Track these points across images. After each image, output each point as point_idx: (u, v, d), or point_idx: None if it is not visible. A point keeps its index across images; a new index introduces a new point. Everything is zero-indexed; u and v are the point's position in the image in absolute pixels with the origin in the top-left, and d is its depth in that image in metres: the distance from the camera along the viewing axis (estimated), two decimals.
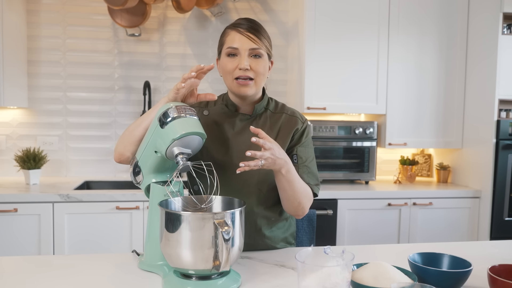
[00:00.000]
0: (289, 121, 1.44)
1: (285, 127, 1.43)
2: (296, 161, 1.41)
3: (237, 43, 1.31)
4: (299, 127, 1.44)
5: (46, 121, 3.06)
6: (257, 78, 1.34)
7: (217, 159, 1.39)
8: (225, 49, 1.34)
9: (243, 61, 1.30)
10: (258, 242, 1.44)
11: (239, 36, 1.32)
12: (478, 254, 1.43)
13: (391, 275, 1.04)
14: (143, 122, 1.30)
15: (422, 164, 3.42)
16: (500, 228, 2.78)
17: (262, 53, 1.33)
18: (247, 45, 1.31)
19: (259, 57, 1.33)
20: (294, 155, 1.42)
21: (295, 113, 1.47)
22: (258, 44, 1.32)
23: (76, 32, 3.06)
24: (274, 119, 1.44)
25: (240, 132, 1.41)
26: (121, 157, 1.35)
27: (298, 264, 0.96)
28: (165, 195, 1.22)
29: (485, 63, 2.84)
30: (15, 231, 2.42)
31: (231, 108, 1.43)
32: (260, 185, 1.41)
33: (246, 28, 1.33)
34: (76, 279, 1.16)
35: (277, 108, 1.47)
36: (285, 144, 1.42)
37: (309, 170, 1.42)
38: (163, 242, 1.08)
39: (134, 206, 2.50)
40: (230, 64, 1.33)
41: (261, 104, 1.43)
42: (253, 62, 1.32)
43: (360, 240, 2.75)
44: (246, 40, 1.31)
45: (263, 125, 1.42)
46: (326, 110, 2.92)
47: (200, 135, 1.19)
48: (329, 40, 2.91)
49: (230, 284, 1.09)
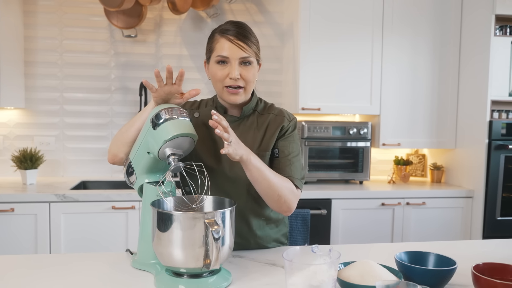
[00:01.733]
0: (275, 121, 1.43)
1: (271, 127, 1.43)
2: (277, 155, 1.40)
3: (226, 51, 1.31)
4: (285, 124, 1.43)
5: (43, 122, 3.08)
6: (247, 86, 1.35)
7: (205, 160, 1.40)
8: (215, 57, 1.34)
9: (234, 71, 1.31)
10: (250, 242, 1.47)
11: (229, 45, 1.31)
12: (466, 253, 1.46)
13: (377, 273, 1.06)
14: (135, 123, 1.32)
15: (416, 164, 3.44)
16: (492, 227, 2.81)
17: (251, 60, 1.34)
18: (237, 54, 1.31)
19: (249, 65, 1.34)
20: (275, 149, 1.41)
21: (283, 112, 1.47)
22: (248, 52, 1.32)
23: (72, 33, 3.08)
24: (262, 120, 1.44)
25: None
26: (115, 158, 1.37)
27: (285, 262, 0.98)
28: (157, 195, 1.24)
29: (478, 64, 2.87)
30: (11, 230, 2.44)
31: (220, 110, 1.44)
32: (250, 185, 1.40)
33: (235, 35, 1.32)
34: (70, 278, 1.18)
35: (265, 109, 1.47)
36: (271, 143, 1.41)
37: (291, 164, 1.40)
38: (155, 241, 1.10)
39: (129, 206, 2.53)
40: (220, 72, 1.33)
41: (249, 106, 1.43)
42: (243, 70, 1.33)
43: (354, 239, 2.78)
44: (236, 49, 1.31)
45: (250, 126, 1.43)
46: (321, 110, 2.94)
47: (191, 136, 1.21)
48: (323, 41, 2.93)
49: (220, 282, 1.11)
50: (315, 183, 3.00)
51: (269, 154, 1.42)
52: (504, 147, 2.77)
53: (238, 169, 1.37)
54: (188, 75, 3.20)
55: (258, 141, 1.41)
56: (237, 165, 1.37)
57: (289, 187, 1.35)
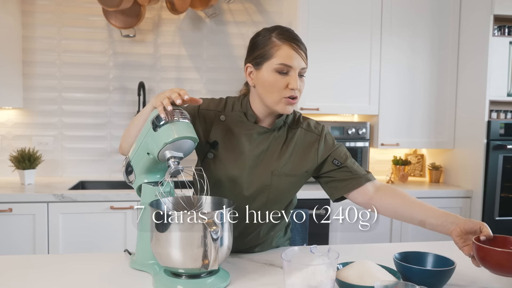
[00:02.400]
0: (305, 138, 1.37)
1: (301, 144, 1.36)
2: (338, 164, 1.35)
3: (292, 61, 1.23)
4: (319, 145, 1.36)
5: (41, 122, 3.07)
6: (299, 97, 1.29)
7: (230, 173, 1.33)
8: (276, 64, 1.23)
9: (296, 82, 1.23)
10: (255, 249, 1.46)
11: (295, 55, 1.23)
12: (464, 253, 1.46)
13: (375, 273, 1.06)
14: (135, 121, 1.31)
15: (414, 164, 3.45)
16: (491, 227, 2.74)
17: (305, 72, 1.29)
18: (300, 65, 1.24)
19: (304, 76, 1.29)
20: (334, 160, 1.36)
21: (310, 126, 1.39)
22: (307, 63, 1.27)
23: (71, 33, 3.08)
24: (291, 135, 1.37)
25: (256, 146, 1.34)
26: (122, 152, 1.39)
27: (284, 262, 0.99)
28: (156, 196, 1.24)
29: (476, 65, 2.88)
30: (9, 231, 2.44)
31: (251, 118, 1.35)
32: (269, 205, 1.36)
33: (300, 44, 1.25)
34: (68, 278, 1.18)
35: (294, 121, 1.40)
36: (303, 164, 1.35)
37: (353, 162, 1.38)
38: (153, 241, 1.10)
39: (128, 206, 2.52)
40: (281, 82, 1.24)
41: (281, 119, 1.36)
42: (299, 82, 1.26)
43: (353, 239, 2.78)
44: (299, 59, 1.24)
45: (280, 141, 1.36)
46: (320, 110, 2.95)
47: (192, 139, 1.20)
48: (322, 41, 2.93)
49: (219, 283, 1.11)
50: (314, 183, 2.97)
51: (301, 176, 1.37)
52: (503, 147, 2.78)
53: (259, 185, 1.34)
54: (187, 75, 3.20)
55: (286, 159, 1.34)
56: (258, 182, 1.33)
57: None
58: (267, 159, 1.33)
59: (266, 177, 1.33)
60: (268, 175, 1.33)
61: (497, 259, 1.06)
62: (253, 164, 1.33)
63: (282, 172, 1.33)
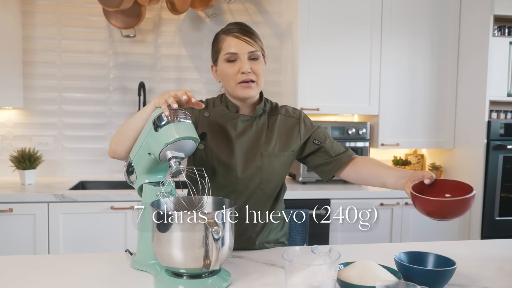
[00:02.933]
0: (286, 122, 1.49)
1: (284, 129, 1.48)
2: (319, 143, 1.48)
3: (235, 48, 1.34)
4: (299, 127, 1.49)
5: (41, 122, 3.07)
6: (258, 80, 1.38)
7: (222, 159, 1.42)
8: (224, 55, 1.36)
9: (244, 65, 1.34)
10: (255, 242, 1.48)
11: (236, 41, 1.35)
12: (465, 253, 1.46)
13: (376, 273, 1.06)
14: (133, 123, 1.31)
15: (414, 164, 3.45)
16: (491, 227, 2.82)
17: (259, 54, 1.37)
18: (246, 49, 1.34)
19: (257, 59, 1.37)
20: (314, 140, 1.48)
21: (289, 111, 1.52)
22: (255, 47, 1.36)
23: (71, 33, 3.08)
24: (272, 121, 1.48)
25: (242, 133, 1.44)
26: (114, 154, 1.38)
27: (285, 263, 0.99)
28: (157, 196, 1.24)
29: (476, 65, 2.88)
30: (10, 231, 2.44)
31: (232, 109, 1.46)
32: (263, 185, 1.45)
33: (241, 32, 1.36)
34: (69, 278, 1.18)
35: (272, 109, 1.51)
36: (288, 144, 1.46)
37: (332, 141, 1.51)
38: (155, 241, 1.10)
39: (128, 206, 2.52)
40: (231, 69, 1.36)
41: (260, 106, 1.47)
42: (253, 65, 1.36)
43: (353, 239, 2.78)
44: (243, 44, 1.34)
45: (263, 127, 1.47)
46: (320, 111, 2.95)
47: (193, 139, 1.21)
48: (322, 41, 2.94)
49: (220, 283, 1.12)
50: (314, 183, 3.00)
51: (288, 155, 1.47)
52: (503, 147, 2.78)
53: (252, 168, 1.42)
54: (187, 75, 3.20)
55: (273, 142, 1.45)
56: (251, 165, 1.43)
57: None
58: (256, 144, 1.43)
59: (257, 159, 1.43)
60: (259, 157, 1.43)
61: (426, 207, 1.14)
62: (243, 149, 1.43)
63: (271, 153, 1.44)
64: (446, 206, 1.11)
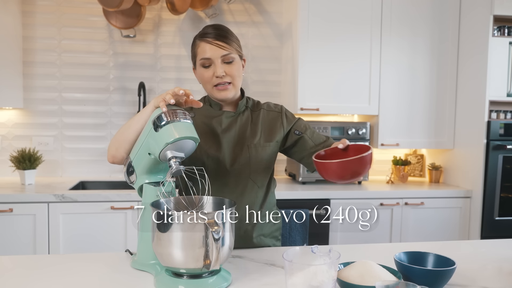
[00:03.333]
0: (268, 116, 1.55)
1: (267, 122, 1.54)
2: (299, 133, 1.53)
3: (208, 53, 1.39)
4: (282, 119, 1.55)
5: (41, 122, 3.08)
6: (234, 81, 1.43)
7: (210, 154, 1.46)
8: (199, 61, 1.42)
9: (218, 69, 1.39)
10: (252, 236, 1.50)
11: (209, 46, 1.39)
12: (465, 253, 1.46)
13: (376, 273, 1.07)
14: (132, 125, 1.31)
15: (414, 164, 3.45)
16: (490, 227, 2.82)
17: (233, 57, 1.41)
18: (219, 53, 1.38)
19: (231, 61, 1.41)
20: (294, 131, 1.54)
21: (270, 107, 1.58)
22: (228, 50, 1.40)
23: (71, 33, 3.08)
24: (255, 115, 1.54)
25: (228, 128, 1.49)
26: (114, 159, 1.38)
27: (286, 262, 0.99)
28: (157, 196, 1.24)
29: (476, 65, 2.88)
30: (10, 231, 2.44)
31: (216, 107, 1.51)
32: (253, 176, 1.50)
33: (214, 36, 1.39)
34: (69, 278, 1.18)
35: (254, 105, 1.57)
36: (272, 135, 1.52)
37: (313, 131, 1.56)
38: (155, 241, 1.11)
39: (128, 206, 2.52)
40: (206, 74, 1.42)
41: (242, 102, 1.53)
42: (227, 68, 1.40)
43: (353, 239, 2.78)
44: (216, 48, 1.38)
45: (247, 121, 1.52)
46: (320, 111, 2.95)
47: (193, 139, 1.21)
48: (322, 41, 2.94)
49: (220, 283, 1.12)
50: (314, 183, 3.00)
51: (273, 145, 1.53)
52: (502, 147, 2.78)
53: (241, 160, 1.47)
54: (187, 75, 3.20)
55: (258, 134, 1.51)
56: (239, 157, 1.47)
57: None
58: (241, 137, 1.49)
59: (245, 150, 1.48)
60: (246, 149, 1.48)
61: (323, 171, 1.24)
62: (230, 143, 1.48)
63: (257, 144, 1.49)
64: (342, 166, 1.19)
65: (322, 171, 1.24)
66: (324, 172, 1.24)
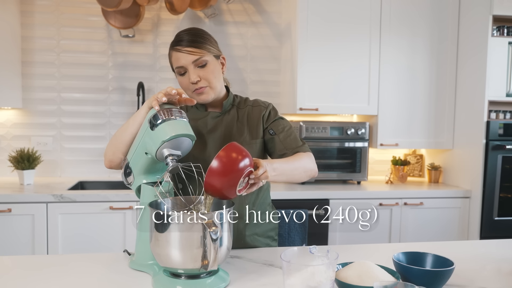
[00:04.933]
0: (253, 112, 1.54)
1: (252, 118, 1.53)
2: (273, 133, 1.50)
3: (180, 61, 1.39)
4: (264, 113, 1.53)
5: (40, 122, 3.07)
6: (210, 84, 1.42)
7: (195, 155, 1.45)
8: (175, 69, 1.42)
9: (191, 76, 1.38)
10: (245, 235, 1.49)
11: (179, 55, 1.38)
12: (464, 254, 1.46)
13: (375, 274, 1.06)
14: (128, 128, 1.32)
15: (413, 164, 3.45)
16: (490, 227, 2.82)
17: (205, 60, 1.39)
18: (188, 60, 1.38)
19: (204, 64, 1.40)
20: (269, 130, 1.51)
21: (258, 102, 1.57)
22: (198, 54, 1.38)
23: (70, 33, 3.08)
24: (241, 113, 1.54)
25: (213, 129, 1.50)
26: (111, 164, 1.39)
27: (283, 263, 0.98)
28: (155, 196, 1.24)
29: (475, 65, 2.88)
30: (9, 231, 2.44)
31: (201, 108, 1.53)
32: None
33: (184, 43, 1.38)
34: (67, 279, 1.18)
35: (241, 103, 1.57)
36: (258, 132, 1.51)
37: (290, 135, 1.51)
38: (153, 242, 1.10)
39: (127, 206, 2.52)
40: (183, 81, 1.42)
41: (228, 101, 1.53)
42: (201, 72, 1.39)
43: (352, 240, 2.78)
44: (186, 55, 1.37)
45: (233, 120, 1.52)
46: (319, 111, 2.95)
47: (189, 137, 1.21)
48: (321, 41, 2.93)
49: (218, 283, 1.11)
50: (313, 183, 3.00)
51: (260, 141, 1.52)
52: (502, 148, 2.78)
53: None
54: None
55: (245, 132, 1.51)
56: None
57: (304, 158, 1.43)
58: (227, 136, 1.49)
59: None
60: None
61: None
62: (216, 143, 1.48)
63: (244, 142, 1.48)
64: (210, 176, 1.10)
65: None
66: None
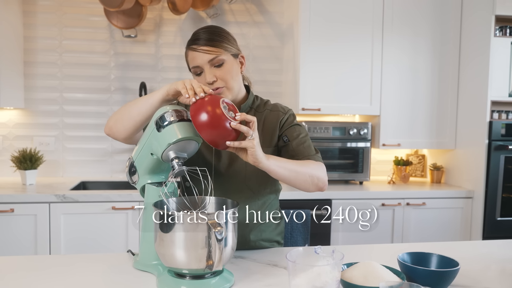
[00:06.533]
0: (271, 116, 1.48)
1: (269, 122, 1.46)
2: (287, 141, 1.44)
3: (196, 61, 1.34)
4: (282, 118, 1.47)
5: (42, 122, 3.07)
6: (227, 84, 1.36)
7: (206, 158, 1.43)
8: (192, 69, 1.38)
9: (209, 75, 1.33)
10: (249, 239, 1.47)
11: (195, 54, 1.34)
12: (468, 254, 1.46)
13: (380, 274, 1.06)
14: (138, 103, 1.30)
15: (416, 164, 3.45)
16: (492, 228, 2.82)
17: (222, 59, 1.35)
18: (205, 59, 1.33)
19: (222, 64, 1.35)
20: (283, 136, 1.45)
21: (277, 107, 1.50)
22: (215, 53, 1.33)
23: (72, 33, 3.08)
24: (259, 117, 1.47)
25: None
26: (110, 131, 1.36)
27: (289, 263, 0.98)
28: (159, 196, 1.24)
29: (478, 65, 2.88)
30: (11, 231, 2.44)
31: None
32: (248, 181, 1.44)
33: (201, 42, 1.34)
34: (71, 279, 1.18)
35: (261, 106, 1.51)
36: (273, 139, 1.46)
37: (303, 143, 1.44)
38: (157, 242, 1.10)
39: (130, 206, 2.52)
40: (200, 82, 1.35)
41: (246, 104, 1.46)
42: (217, 72, 1.34)
43: (354, 240, 2.78)
44: (202, 55, 1.33)
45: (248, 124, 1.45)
46: (321, 111, 2.94)
47: (196, 139, 1.21)
48: (323, 41, 2.93)
49: (223, 283, 1.11)
50: None
51: (272, 150, 1.45)
52: (504, 148, 2.78)
53: (237, 164, 1.42)
54: (188, 76, 3.18)
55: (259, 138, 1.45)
56: (236, 161, 1.42)
57: (315, 164, 1.37)
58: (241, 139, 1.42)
59: None
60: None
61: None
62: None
63: None
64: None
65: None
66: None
